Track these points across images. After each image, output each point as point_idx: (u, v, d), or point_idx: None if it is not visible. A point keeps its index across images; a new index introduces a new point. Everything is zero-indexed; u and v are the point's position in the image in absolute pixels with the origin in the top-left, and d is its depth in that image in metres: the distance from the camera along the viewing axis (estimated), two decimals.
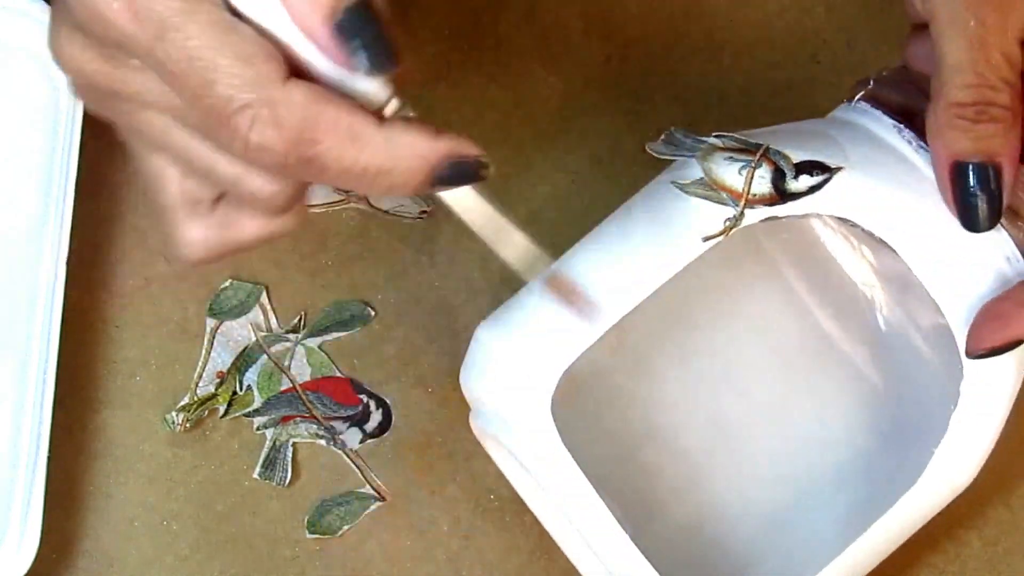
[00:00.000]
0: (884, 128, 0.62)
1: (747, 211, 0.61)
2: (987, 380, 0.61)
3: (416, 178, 0.52)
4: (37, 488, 0.67)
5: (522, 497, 0.68)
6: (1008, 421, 0.64)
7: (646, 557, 0.62)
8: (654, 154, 0.63)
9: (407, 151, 0.51)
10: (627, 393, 0.69)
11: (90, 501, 0.71)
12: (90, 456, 0.71)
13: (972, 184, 0.58)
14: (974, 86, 0.57)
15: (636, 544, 0.61)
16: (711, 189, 0.61)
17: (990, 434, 0.62)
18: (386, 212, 0.74)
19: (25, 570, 0.67)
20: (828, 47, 0.75)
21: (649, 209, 0.63)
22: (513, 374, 0.62)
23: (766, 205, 0.61)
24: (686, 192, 0.62)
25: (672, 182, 0.62)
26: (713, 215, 0.61)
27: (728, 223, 0.61)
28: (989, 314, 0.59)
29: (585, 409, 0.68)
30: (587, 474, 0.61)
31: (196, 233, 0.55)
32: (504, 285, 0.73)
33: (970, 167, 0.58)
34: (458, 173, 0.52)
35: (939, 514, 0.68)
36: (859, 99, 0.63)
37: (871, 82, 0.64)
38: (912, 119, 0.62)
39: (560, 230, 0.74)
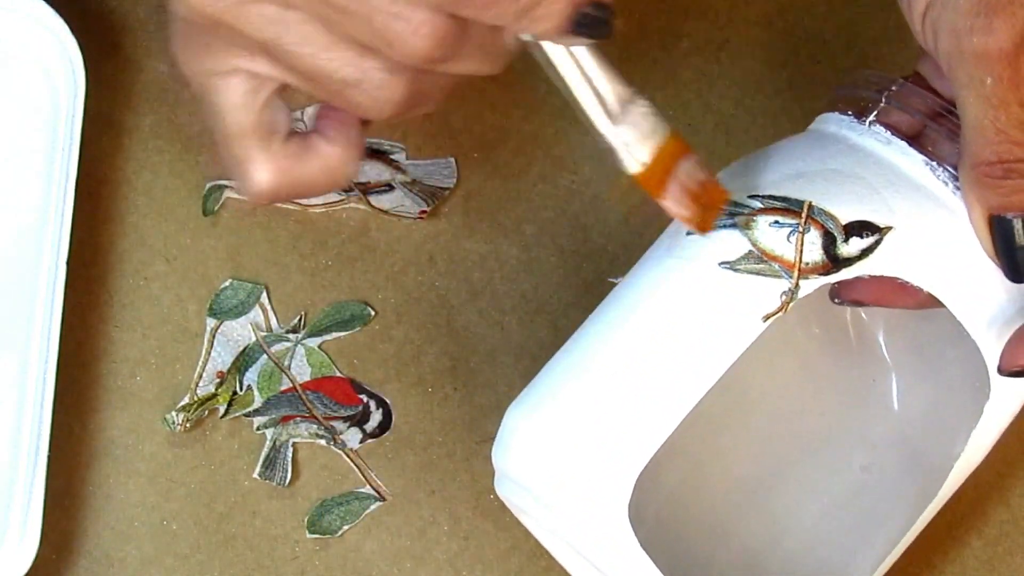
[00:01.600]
0: (915, 164, 0.60)
1: (801, 282, 0.59)
2: (1008, 401, 0.61)
3: (562, 14, 0.53)
4: (37, 488, 0.67)
5: (551, 551, 0.67)
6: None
7: None
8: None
9: None
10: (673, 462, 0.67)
11: (90, 501, 0.71)
12: (90, 456, 0.71)
13: (1012, 238, 0.58)
14: (997, 143, 0.57)
15: None
16: (762, 261, 0.59)
17: (994, 442, 0.63)
18: (386, 212, 0.74)
19: (25, 570, 0.66)
20: (828, 47, 0.75)
21: (699, 295, 0.60)
22: (578, 475, 0.59)
23: (820, 274, 0.59)
24: (736, 271, 0.59)
25: (720, 263, 0.59)
26: (768, 290, 0.59)
27: (785, 297, 0.59)
28: None
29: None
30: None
31: (269, 163, 0.56)
32: (504, 284, 0.73)
33: (1008, 222, 0.58)
34: (597, 18, 0.53)
35: (939, 514, 0.68)
36: (873, 121, 0.62)
37: (883, 99, 0.62)
38: (923, 140, 0.61)
39: (560, 230, 0.74)
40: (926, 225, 0.60)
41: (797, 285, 0.59)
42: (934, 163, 0.60)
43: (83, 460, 0.71)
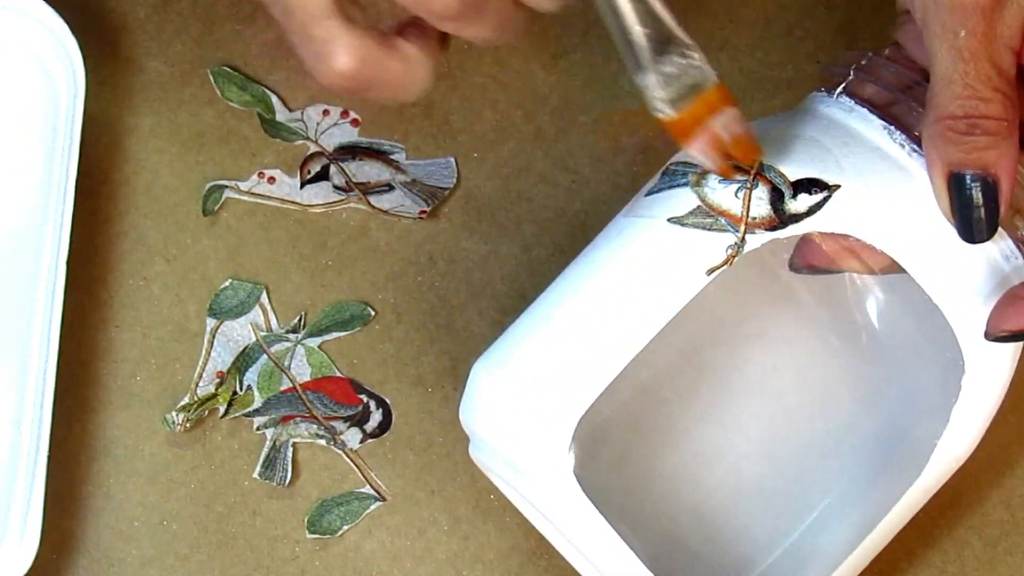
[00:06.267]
0: (873, 129, 0.61)
1: (748, 236, 0.59)
2: (987, 374, 0.61)
3: None
4: (37, 488, 0.67)
5: (525, 516, 0.68)
6: (1008, 422, 0.65)
7: None
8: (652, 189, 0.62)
9: None
10: (637, 426, 0.68)
11: (90, 501, 0.71)
12: (90, 456, 0.71)
13: (969, 196, 0.58)
14: (964, 98, 0.57)
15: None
16: (708, 215, 0.60)
17: (986, 421, 0.62)
18: (386, 212, 0.74)
19: (25, 570, 0.67)
20: (828, 47, 0.75)
21: (647, 250, 0.61)
22: (525, 421, 0.61)
23: (767, 229, 0.59)
24: (684, 225, 0.60)
25: (668, 219, 0.60)
26: (714, 245, 0.60)
27: (730, 251, 0.59)
28: (1013, 298, 0.59)
29: (593, 445, 0.66)
30: (599, 508, 0.60)
31: (353, 43, 0.53)
32: (504, 284, 0.73)
33: (967, 179, 0.58)
34: None
35: (939, 514, 0.68)
36: (841, 93, 0.62)
37: (850, 72, 0.62)
38: (893, 110, 0.61)
39: (560, 230, 0.74)
40: (879, 185, 0.60)
41: (743, 239, 0.59)
42: (892, 127, 0.60)
43: (83, 460, 0.71)
